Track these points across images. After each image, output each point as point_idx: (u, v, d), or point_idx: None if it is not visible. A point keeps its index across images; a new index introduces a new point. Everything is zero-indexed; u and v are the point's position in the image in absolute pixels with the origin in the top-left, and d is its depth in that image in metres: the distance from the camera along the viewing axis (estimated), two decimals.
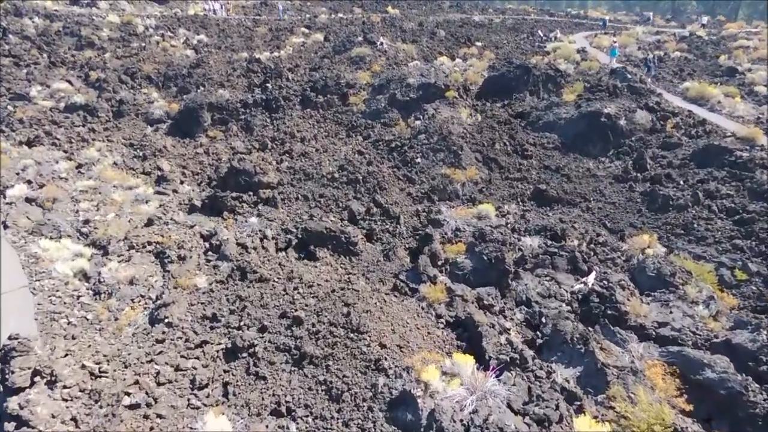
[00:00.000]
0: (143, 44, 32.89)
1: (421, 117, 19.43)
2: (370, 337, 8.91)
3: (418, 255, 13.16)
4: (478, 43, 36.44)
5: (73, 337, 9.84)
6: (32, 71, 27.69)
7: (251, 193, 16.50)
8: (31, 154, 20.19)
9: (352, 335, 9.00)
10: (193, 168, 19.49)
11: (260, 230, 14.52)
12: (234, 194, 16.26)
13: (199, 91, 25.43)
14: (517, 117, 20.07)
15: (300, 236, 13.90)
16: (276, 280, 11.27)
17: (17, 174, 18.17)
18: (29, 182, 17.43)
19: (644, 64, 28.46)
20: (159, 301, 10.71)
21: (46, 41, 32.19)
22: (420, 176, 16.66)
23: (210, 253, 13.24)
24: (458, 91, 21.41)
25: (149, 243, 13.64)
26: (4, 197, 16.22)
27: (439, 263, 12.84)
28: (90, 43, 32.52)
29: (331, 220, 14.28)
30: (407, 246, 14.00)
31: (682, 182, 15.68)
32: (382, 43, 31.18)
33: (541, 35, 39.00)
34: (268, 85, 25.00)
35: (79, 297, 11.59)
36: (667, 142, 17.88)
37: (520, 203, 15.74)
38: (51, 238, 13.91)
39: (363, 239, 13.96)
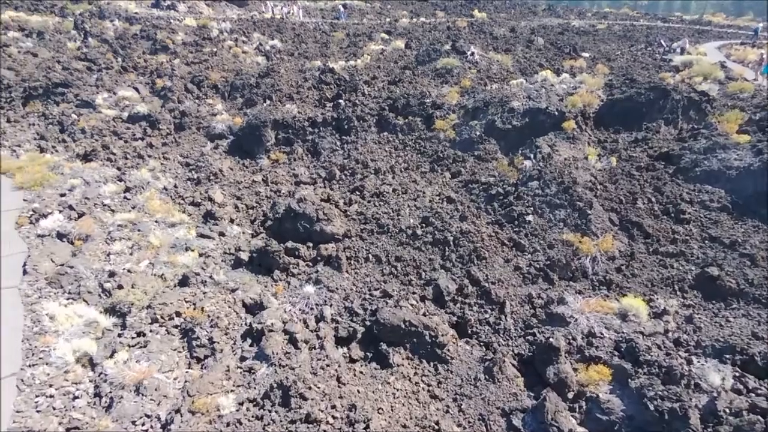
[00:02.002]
0: (215, 49, 31.10)
1: (532, 156, 15.08)
2: None
3: (534, 371, 9.07)
4: (585, 54, 31.11)
5: None
6: (102, 77, 26.51)
7: (310, 245, 13.12)
8: (82, 171, 18.31)
9: None
10: (248, 200, 16.54)
11: (317, 305, 11.05)
12: (290, 245, 12.96)
13: (265, 104, 22.72)
14: (659, 159, 15.10)
15: (368, 323, 10.23)
16: (330, 420, 7.62)
17: (61, 196, 16.20)
18: (71, 207, 15.32)
19: None
20: None
21: (122, 45, 31.34)
22: (532, 242, 12.39)
23: (248, 341, 9.92)
24: (577, 121, 16.77)
25: (177, 315, 10.60)
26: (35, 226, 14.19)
27: (570, 395, 8.62)
28: (164, 47, 31.23)
29: (411, 305, 10.45)
30: (517, 353, 9.87)
31: None
32: (473, 53, 26.96)
33: (664, 45, 32.79)
34: (340, 101, 21.73)
35: (75, 398, 8.68)
36: None
37: (680, 294, 11.02)
38: (69, 294, 11.35)
39: (454, 339, 10.01)
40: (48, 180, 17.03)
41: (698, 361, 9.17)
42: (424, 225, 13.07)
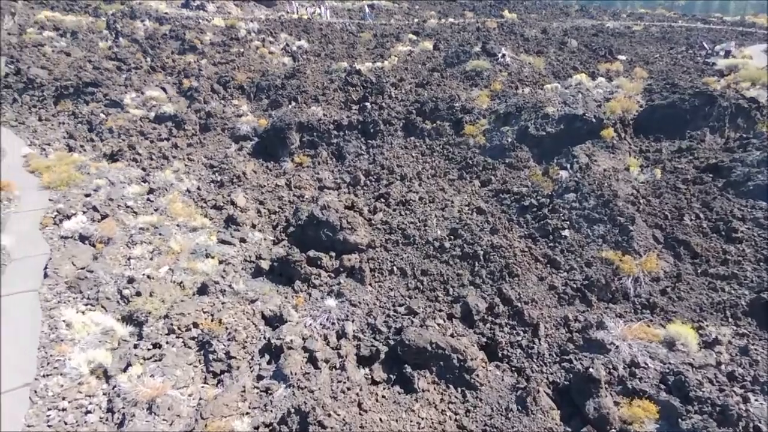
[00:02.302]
0: (242, 50, 31.04)
1: (568, 165, 14.24)
2: None
3: (571, 402, 8.36)
4: (622, 57, 29.82)
5: None
6: (131, 77, 26.70)
7: (333, 254, 12.64)
8: (108, 171, 18.32)
9: None
10: (270, 205, 16.18)
11: (339, 320, 10.54)
12: (312, 254, 12.51)
13: (290, 106, 22.40)
14: (706, 171, 14.05)
15: (392, 343, 9.66)
16: None
17: (86, 197, 16.19)
18: (94, 209, 15.25)
19: None
20: None
21: (151, 45, 31.59)
22: (568, 259, 11.59)
23: (266, 357, 9.48)
24: (616, 128, 15.81)
25: (194, 326, 10.24)
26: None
27: None
28: (192, 47, 31.35)
29: (438, 324, 9.83)
30: (552, 380, 9.15)
31: None
32: (504, 55, 26.09)
33: (707, 48, 31.18)
34: (367, 104, 21.22)
35: (87, 413, 8.39)
36: None
37: (732, 321, 10.09)
38: (87, 299, 11.16)
39: (484, 363, 9.34)
40: (74, 180, 17.06)
41: (756, 400, 8.29)
42: (452, 237, 12.41)
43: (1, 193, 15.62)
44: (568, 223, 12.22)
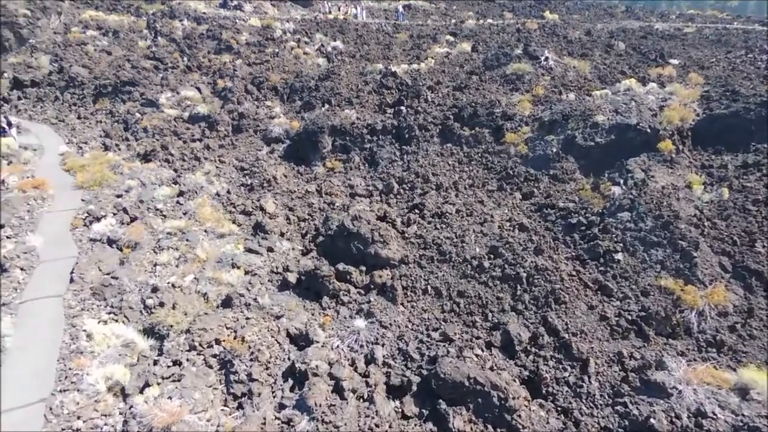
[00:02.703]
0: (277, 50, 30.83)
1: (621, 181, 13.06)
2: None
3: None
4: (674, 61, 27.98)
5: None
6: (167, 76, 26.85)
7: (363, 269, 11.95)
8: (140, 171, 18.26)
9: None
10: (300, 212, 15.64)
11: (368, 343, 9.83)
12: (341, 267, 11.85)
13: (323, 109, 21.89)
14: None
15: (425, 373, 8.87)
16: None
17: (117, 197, 16.09)
18: (124, 210, 15.09)
19: None
20: None
21: (188, 44, 31.81)
22: (622, 286, 10.50)
23: (290, 382, 8.85)
24: (674, 140, 14.50)
25: (216, 342, 9.73)
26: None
27: None
28: (228, 47, 31.38)
29: (476, 356, 8.97)
30: (603, 426, 8.15)
31: None
32: (547, 58, 24.83)
33: None
34: (402, 107, 20.47)
35: None
36: None
37: None
38: (111, 308, 10.86)
39: (526, 402, 8.43)
40: (106, 180, 17.02)
41: None
42: (492, 256, 11.50)
43: (35, 192, 15.74)
44: (621, 245, 11.10)
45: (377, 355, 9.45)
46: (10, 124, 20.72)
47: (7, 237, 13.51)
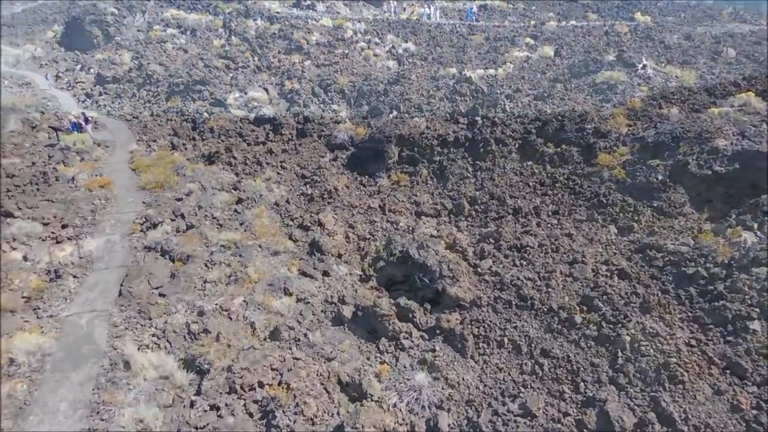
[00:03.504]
0: (347, 51, 29.98)
1: (755, 224, 10.56)
2: None
3: None
4: None
5: None
6: (236, 76, 26.74)
7: (428, 307, 10.43)
8: (202, 174, 17.85)
9: None
10: (360, 230, 14.40)
11: (430, 405, 8.30)
12: (403, 303, 10.41)
13: (391, 116, 20.58)
14: None
15: None
16: None
17: (177, 201, 15.67)
18: (182, 216, 14.60)
19: None
20: None
21: (260, 44, 31.76)
22: (759, 366, 8.20)
23: None
24: None
25: (260, 386, 8.62)
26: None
27: None
28: (298, 47, 30.98)
29: None
30: None
31: None
32: (644, 66, 21.98)
33: None
34: (477, 117, 18.67)
35: None
36: None
37: None
38: (155, 329, 10.12)
39: None
40: (168, 182, 16.71)
41: None
42: (584, 307, 9.56)
43: (100, 192, 15.69)
44: (758, 311, 8.77)
45: (441, 424, 7.91)
46: (87, 120, 21.22)
47: (68, 238, 13.35)
